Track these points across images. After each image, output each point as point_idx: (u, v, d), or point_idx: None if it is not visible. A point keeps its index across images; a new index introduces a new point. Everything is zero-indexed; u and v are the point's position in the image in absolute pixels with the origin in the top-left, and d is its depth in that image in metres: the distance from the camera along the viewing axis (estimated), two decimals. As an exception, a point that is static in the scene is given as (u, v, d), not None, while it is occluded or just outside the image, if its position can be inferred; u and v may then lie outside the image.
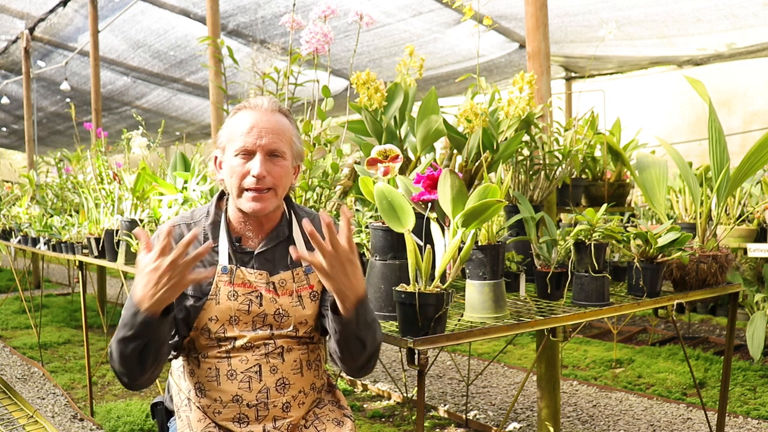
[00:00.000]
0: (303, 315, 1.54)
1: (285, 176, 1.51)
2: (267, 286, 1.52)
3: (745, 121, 7.18)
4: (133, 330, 1.30)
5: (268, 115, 1.50)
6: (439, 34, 5.83)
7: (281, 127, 1.50)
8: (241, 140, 1.47)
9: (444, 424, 3.41)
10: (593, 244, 1.96)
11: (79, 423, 3.42)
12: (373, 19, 2.22)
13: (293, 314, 1.52)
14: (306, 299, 1.55)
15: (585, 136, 2.59)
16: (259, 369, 1.49)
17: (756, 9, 4.59)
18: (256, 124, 1.48)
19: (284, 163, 1.50)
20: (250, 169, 1.46)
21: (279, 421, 1.51)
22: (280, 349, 1.52)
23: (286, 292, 1.53)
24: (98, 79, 5.88)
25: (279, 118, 1.51)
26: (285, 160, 1.50)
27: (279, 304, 1.52)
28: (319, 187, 2.24)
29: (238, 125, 1.49)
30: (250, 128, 1.47)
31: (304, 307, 1.54)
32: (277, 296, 1.52)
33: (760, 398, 3.60)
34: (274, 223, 1.57)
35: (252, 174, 1.45)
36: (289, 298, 1.53)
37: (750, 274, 4.23)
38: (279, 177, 1.49)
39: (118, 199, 3.34)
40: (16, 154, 16.70)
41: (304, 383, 1.55)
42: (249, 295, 1.50)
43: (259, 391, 1.49)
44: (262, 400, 1.49)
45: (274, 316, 1.52)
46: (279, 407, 1.51)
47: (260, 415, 1.50)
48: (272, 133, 1.48)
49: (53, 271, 10.10)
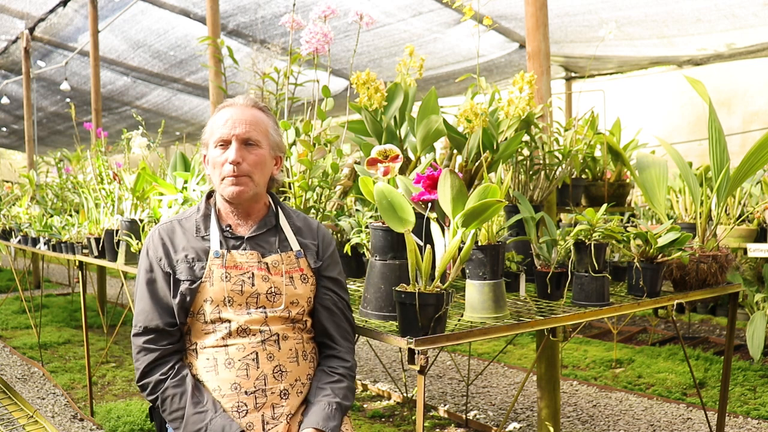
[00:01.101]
0: (295, 294, 1.62)
1: (261, 163, 1.63)
2: (259, 265, 1.61)
3: (744, 121, 7.18)
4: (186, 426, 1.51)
5: (243, 108, 1.64)
6: (439, 34, 5.83)
7: (255, 119, 1.64)
8: (218, 132, 1.61)
9: (444, 424, 3.42)
10: (593, 244, 1.96)
11: (79, 423, 3.42)
12: (373, 19, 2.22)
13: (285, 292, 1.61)
14: (297, 280, 1.64)
15: (585, 136, 2.59)
16: (256, 356, 1.55)
17: (756, 9, 4.59)
18: (231, 116, 1.62)
19: (259, 151, 1.62)
20: (227, 157, 1.59)
21: (277, 409, 1.55)
22: (276, 336, 1.58)
23: (278, 273, 1.62)
24: (98, 79, 5.88)
25: (254, 112, 1.65)
26: (260, 148, 1.63)
27: (271, 282, 1.61)
28: (319, 187, 2.24)
29: (217, 120, 1.64)
30: (225, 120, 1.62)
31: (295, 287, 1.63)
32: (270, 275, 1.61)
33: (760, 398, 3.60)
34: (260, 215, 1.69)
35: (228, 161, 1.58)
36: (281, 277, 1.61)
37: (750, 274, 4.23)
38: (254, 164, 1.61)
39: (118, 199, 3.33)
40: (16, 154, 16.71)
41: (300, 372, 1.61)
42: (241, 276, 1.59)
43: (257, 378, 1.55)
44: (260, 387, 1.54)
45: (267, 296, 1.59)
46: (277, 394, 1.56)
47: (258, 402, 1.54)
48: (246, 123, 1.61)
49: (53, 271, 10.10)
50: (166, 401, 1.53)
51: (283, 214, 1.72)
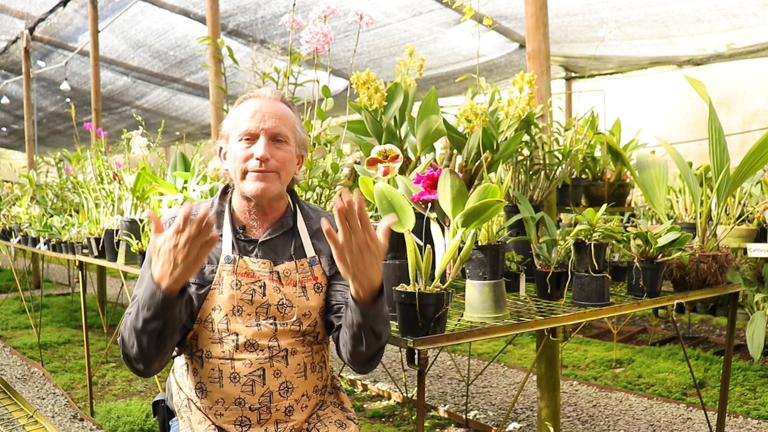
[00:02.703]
0: (307, 306, 1.53)
1: (288, 161, 1.53)
2: (271, 275, 1.51)
3: (744, 121, 7.18)
4: (153, 310, 1.31)
5: (271, 102, 1.53)
6: (439, 34, 5.84)
7: (284, 114, 1.54)
8: (245, 124, 1.50)
9: (444, 424, 3.41)
10: (593, 244, 1.96)
11: (79, 423, 3.42)
12: (373, 19, 2.22)
13: (297, 304, 1.51)
14: (310, 290, 1.54)
15: (585, 136, 2.59)
16: (262, 373, 1.48)
17: (756, 9, 4.59)
18: (259, 109, 1.51)
19: (288, 148, 1.53)
20: (253, 152, 1.48)
21: (281, 424, 1.51)
22: (284, 352, 1.50)
23: (290, 282, 1.52)
24: (98, 79, 5.88)
25: (282, 106, 1.55)
26: (288, 145, 1.53)
27: (283, 294, 1.51)
28: (319, 187, 2.24)
29: (242, 112, 1.52)
30: (253, 113, 1.50)
31: (308, 299, 1.53)
32: (281, 285, 1.52)
33: (760, 398, 3.60)
34: (278, 214, 1.59)
35: (256, 156, 1.47)
36: (293, 288, 1.52)
37: (750, 274, 4.23)
38: (282, 161, 1.51)
39: (118, 199, 3.34)
40: (16, 154, 16.70)
41: (307, 386, 1.55)
42: (252, 285, 1.50)
43: (262, 395, 1.48)
44: (264, 403, 1.49)
45: (278, 307, 1.51)
46: (282, 411, 1.51)
47: (262, 418, 1.50)
48: (275, 117, 1.51)
49: (53, 271, 10.10)
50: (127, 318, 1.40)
51: (302, 214, 1.62)
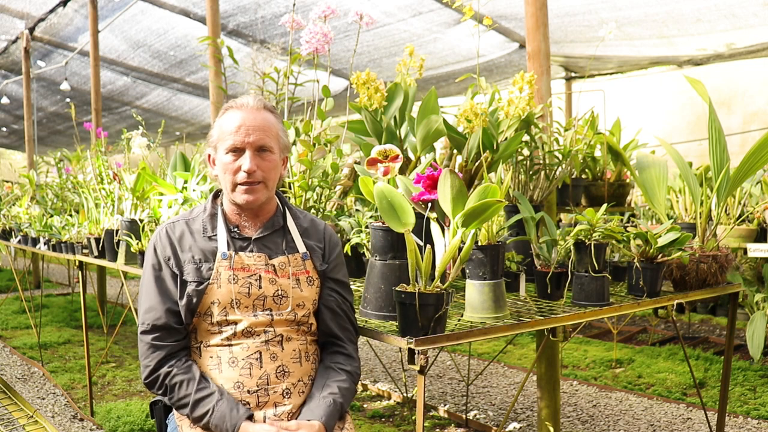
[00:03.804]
0: (301, 296, 1.63)
1: (274, 169, 1.63)
2: (266, 268, 1.61)
3: (744, 121, 7.18)
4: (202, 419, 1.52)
5: (254, 113, 1.61)
6: (439, 34, 5.84)
7: (267, 124, 1.62)
8: (231, 139, 1.59)
9: (444, 424, 3.41)
10: (593, 244, 1.96)
11: (79, 423, 3.42)
12: (373, 19, 2.22)
13: (291, 295, 1.61)
14: (303, 283, 1.65)
15: (585, 136, 2.59)
16: (259, 356, 1.56)
17: (756, 9, 4.59)
18: (243, 122, 1.59)
19: (272, 157, 1.62)
20: (241, 165, 1.58)
21: (279, 407, 1.56)
22: (280, 337, 1.59)
23: (285, 275, 1.62)
24: (98, 79, 5.88)
25: (265, 115, 1.62)
26: (273, 154, 1.62)
27: (278, 285, 1.60)
28: (319, 187, 2.24)
29: (227, 124, 1.61)
30: (237, 127, 1.59)
31: (301, 290, 1.63)
32: (277, 277, 1.61)
33: (760, 398, 3.60)
34: (268, 215, 1.69)
35: (243, 170, 1.57)
36: (288, 280, 1.62)
37: (750, 274, 4.23)
38: (268, 170, 1.61)
39: (118, 199, 3.33)
40: (16, 154, 16.70)
41: (302, 373, 1.62)
42: (248, 279, 1.59)
43: (260, 377, 1.56)
44: (262, 386, 1.56)
45: (274, 298, 1.60)
46: (279, 393, 1.57)
47: (261, 401, 1.56)
48: (259, 130, 1.59)
49: (53, 271, 10.10)
50: (174, 388, 1.55)
51: (290, 214, 1.72)
